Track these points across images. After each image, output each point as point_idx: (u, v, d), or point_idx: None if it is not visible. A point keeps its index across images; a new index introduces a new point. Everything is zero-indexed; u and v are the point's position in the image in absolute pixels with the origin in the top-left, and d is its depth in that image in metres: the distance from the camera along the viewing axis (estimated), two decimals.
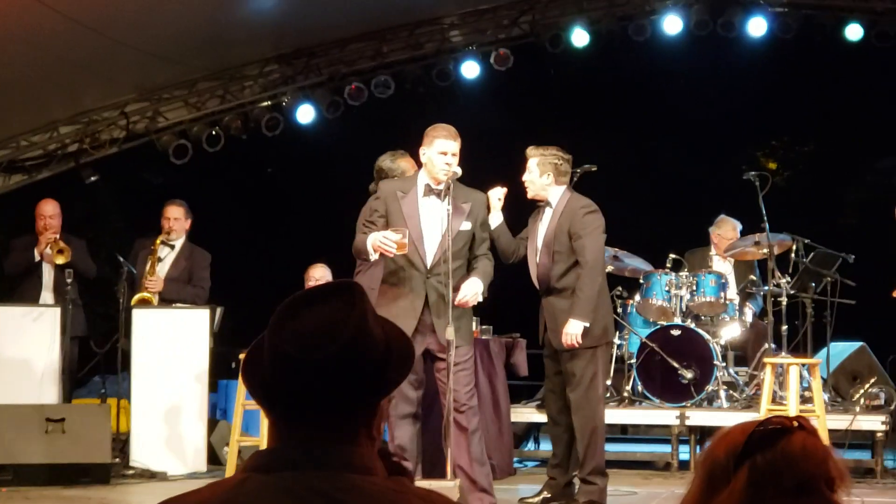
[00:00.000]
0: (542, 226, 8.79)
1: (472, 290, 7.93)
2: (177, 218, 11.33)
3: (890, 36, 13.53)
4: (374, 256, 7.85)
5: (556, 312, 8.67)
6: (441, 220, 7.95)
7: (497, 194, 8.60)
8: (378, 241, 7.76)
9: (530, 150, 8.84)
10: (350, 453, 2.27)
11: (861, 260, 11.30)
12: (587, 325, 8.48)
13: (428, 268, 7.94)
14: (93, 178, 13.96)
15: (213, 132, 13.81)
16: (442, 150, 7.94)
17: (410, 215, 7.99)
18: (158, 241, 11.17)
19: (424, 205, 7.99)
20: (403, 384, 5.33)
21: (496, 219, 8.62)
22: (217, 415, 12.06)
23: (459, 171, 7.96)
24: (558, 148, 8.88)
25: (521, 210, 9.04)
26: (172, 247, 11.28)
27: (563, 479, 8.92)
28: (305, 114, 14.03)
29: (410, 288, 7.97)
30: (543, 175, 8.73)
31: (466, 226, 8.04)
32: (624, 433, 13.08)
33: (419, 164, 8.19)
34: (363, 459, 2.28)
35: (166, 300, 11.09)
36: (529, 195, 8.84)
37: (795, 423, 2.34)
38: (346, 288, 2.36)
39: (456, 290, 7.84)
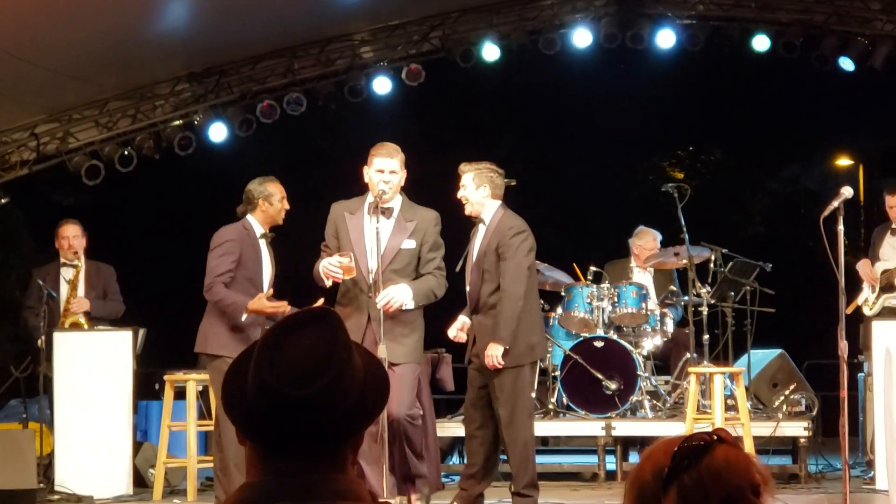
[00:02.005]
0: (476, 243, 8.75)
1: (394, 294, 7.90)
2: (76, 236, 11.19)
3: (796, 46, 13.69)
4: (327, 283, 7.91)
5: (481, 330, 8.68)
6: (384, 239, 7.98)
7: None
8: (325, 268, 7.85)
9: (463, 166, 8.71)
10: (340, 482, 2.29)
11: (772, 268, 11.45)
12: (507, 347, 8.45)
13: (370, 285, 7.95)
14: (3, 200, 13.77)
15: (126, 152, 13.62)
16: (379, 168, 8.01)
17: (355, 234, 8.05)
18: (80, 267, 11.03)
19: (369, 224, 8.00)
20: None
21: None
22: (138, 436, 11.93)
23: (387, 190, 7.99)
24: (491, 162, 8.86)
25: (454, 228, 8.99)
26: (76, 266, 11.14)
27: (475, 491, 8.87)
28: (218, 132, 13.87)
29: (357, 306, 8.01)
30: (480, 188, 8.60)
31: (410, 244, 8.06)
32: (545, 445, 13.11)
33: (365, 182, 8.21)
34: (354, 487, 2.31)
35: (94, 318, 10.97)
36: (467, 211, 8.71)
37: (715, 437, 2.37)
38: (325, 317, 2.38)
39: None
